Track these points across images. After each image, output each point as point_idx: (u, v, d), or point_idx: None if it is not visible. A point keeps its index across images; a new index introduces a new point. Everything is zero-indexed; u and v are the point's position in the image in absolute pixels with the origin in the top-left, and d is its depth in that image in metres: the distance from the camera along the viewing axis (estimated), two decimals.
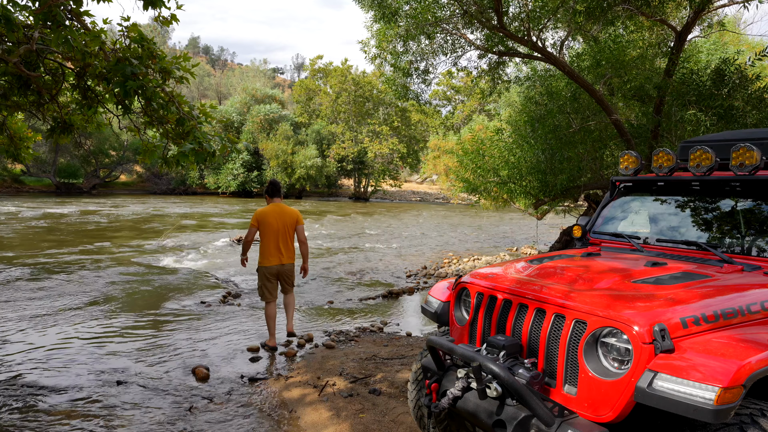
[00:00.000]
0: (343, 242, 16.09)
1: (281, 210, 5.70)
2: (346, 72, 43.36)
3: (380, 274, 11.12)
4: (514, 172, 10.83)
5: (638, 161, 3.77)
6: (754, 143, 3.25)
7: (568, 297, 2.54)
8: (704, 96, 8.34)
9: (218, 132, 4.56)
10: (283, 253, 5.71)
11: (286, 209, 5.74)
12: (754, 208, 3.18)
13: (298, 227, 5.78)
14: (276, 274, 5.75)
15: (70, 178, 37.12)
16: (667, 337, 2.19)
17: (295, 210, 5.84)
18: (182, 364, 5.34)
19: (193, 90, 67.59)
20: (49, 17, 3.62)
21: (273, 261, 5.69)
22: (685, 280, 2.72)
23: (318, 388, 4.71)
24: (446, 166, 27.45)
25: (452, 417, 3.28)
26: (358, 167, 43.14)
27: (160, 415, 4.18)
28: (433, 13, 9.00)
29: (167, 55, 4.07)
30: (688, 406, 2.01)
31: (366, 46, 10.45)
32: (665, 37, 10.30)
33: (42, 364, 5.22)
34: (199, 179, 40.83)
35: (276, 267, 5.71)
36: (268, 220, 5.62)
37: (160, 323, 6.83)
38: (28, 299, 7.80)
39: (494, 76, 11.21)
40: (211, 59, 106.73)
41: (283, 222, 5.66)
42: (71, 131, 4.89)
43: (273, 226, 5.63)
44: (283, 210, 5.71)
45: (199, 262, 11.76)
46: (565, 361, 2.45)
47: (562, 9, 8.81)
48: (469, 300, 3.15)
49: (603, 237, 3.81)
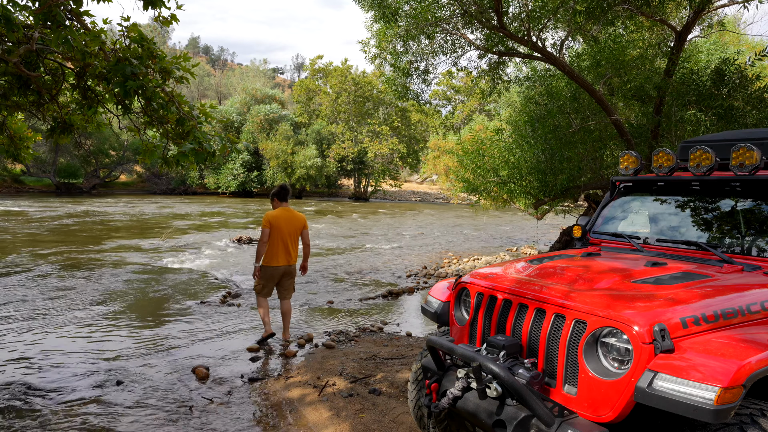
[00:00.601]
0: (343, 242, 16.08)
1: (291, 214, 5.95)
2: (346, 72, 43.36)
3: (380, 274, 11.12)
4: (514, 172, 10.83)
5: (638, 161, 3.77)
6: (754, 143, 3.26)
7: (568, 297, 2.54)
8: (704, 96, 8.34)
9: (218, 132, 4.56)
10: (291, 255, 5.95)
11: (295, 213, 6.00)
12: (754, 208, 3.18)
13: (304, 231, 6.05)
14: (282, 274, 5.94)
15: (70, 178, 37.12)
16: (667, 337, 2.19)
17: (302, 215, 6.10)
18: (182, 364, 5.34)
19: (193, 90, 67.58)
20: (49, 17, 3.62)
21: (281, 261, 5.89)
22: (685, 280, 2.72)
23: (318, 388, 4.71)
24: (446, 166, 27.45)
25: (452, 417, 3.28)
26: (358, 167, 43.14)
27: (160, 414, 4.18)
28: (433, 13, 9.00)
29: (167, 55, 4.06)
30: (688, 406, 2.01)
31: (366, 46, 10.45)
32: (665, 37, 10.30)
33: (41, 364, 5.22)
34: (199, 179, 40.83)
35: (283, 267, 5.92)
36: (280, 224, 5.84)
37: (160, 323, 6.83)
38: (28, 299, 7.80)
39: (494, 76, 11.21)
40: (211, 59, 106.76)
41: (294, 226, 5.93)
42: (71, 131, 4.88)
43: (284, 230, 5.85)
44: (293, 214, 5.97)
45: (199, 262, 11.76)
46: (565, 361, 2.45)
47: (562, 9, 8.81)
48: (469, 300, 3.15)
49: (603, 237, 3.81)
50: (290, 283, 6.07)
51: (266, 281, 5.91)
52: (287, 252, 5.89)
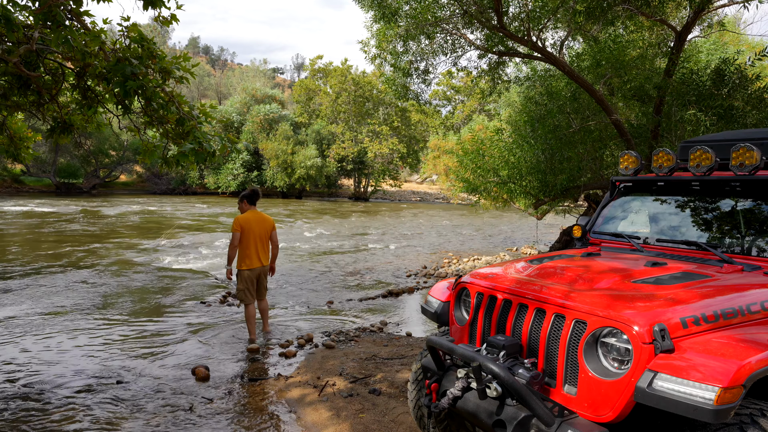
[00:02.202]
0: (343, 242, 16.08)
1: (261, 216, 6.13)
2: (346, 72, 43.32)
3: (380, 274, 11.12)
4: (514, 172, 10.83)
5: (638, 161, 3.77)
6: (754, 143, 3.25)
7: (568, 297, 2.54)
8: (704, 96, 8.34)
9: (218, 132, 4.56)
10: (261, 256, 6.10)
11: (264, 216, 6.18)
12: (754, 208, 3.18)
13: (273, 232, 6.22)
14: (258, 275, 6.12)
15: (70, 178, 37.10)
16: (667, 337, 2.19)
17: (270, 217, 6.26)
18: (182, 364, 5.34)
19: (193, 90, 67.55)
20: (49, 17, 3.62)
21: (256, 263, 6.05)
22: (685, 280, 2.72)
23: (318, 388, 4.71)
24: (446, 166, 27.45)
25: (452, 417, 3.28)
26: (358, 167, 43.10)
27: (160, 414, 4.18)
28: (433, 13, 9.00)
29: (167, 55, 4.07)
30: (688, 406, 2.01)
31: (366, 46, 10.45)
32: (665, 37, 10.30)
33: (41, 364, 5.22)
34: (199, 179, 40.80)
35: (259, 268, 6.09)
36: (251, 226, 5.97)
37: (160, 323, 6.83)
38: (28, 299, 7.80)
39: (494, 76, 11.21)
40: (211, 59, 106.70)
41: (264, 228, 6.08)
42: (71, 131, 4.89)
43: (255, 232, 6.00)
44: (262, 217, 6.15)
45: (199, 262, 11.76)
46: (565, 361, 2.45)
47: (562, 9, 8.81)
48: (469, 300, 3.15)
49: (603, 237, 3.81)
50: (266, 282, 6.28)
51: (248, 285, 6.03)
52: (261, 253, 6.07)
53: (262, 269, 6.14)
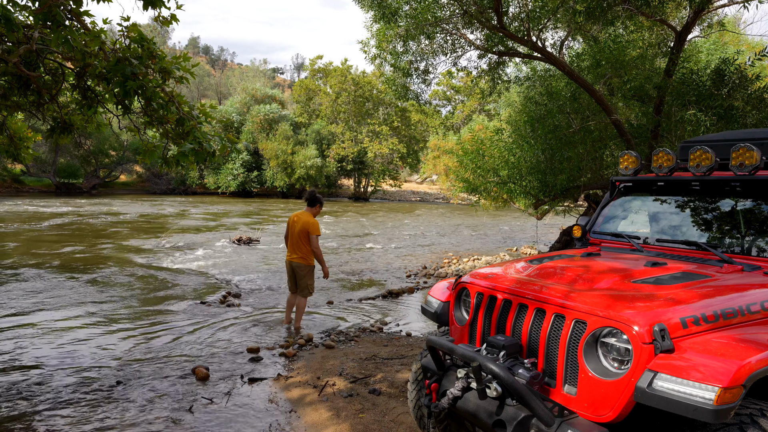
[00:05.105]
0: (343, 242, 16.09)
1: (300, 217, 6.59)
2: (346, 72, 43.31)
3: (380, 274, 11.12)
4: (514, 172, 10.83)
5: (638, 161, 3.77)
6: (754, 143, 3.25)
7: (568, 297, 2.54)
8: (704, 96, 8.34)
9: (218, 132, 4.56)
10: (292, 252, 6.61)
11: (303, 218, 6.56)
12: (754, 208, 3.18)
13: (312, 236, 6.53)
14: (291, 268, 6.65)
15: (70, 178, 37.10)
16: (667, 337, 2.19)
17: (310, 221, 6.54)
18: (182, 364, 5.34)
19: (193, 90, 67.58)
20: (49, 17, 3.62)
21: (287, 257, 6.70)
22: (685, 280, 2.72)
23: (318, 388, 4.71)
24: (446, 166, 27.44)
25: (452, 417, 3.28)
26: (358, 167, 43.09)
27: (159, 415, 4.18)
28: (433, 13, 9.00)
29: (167, 55, 4.07)
30: (688, 406, 2.01)
31: (366, 46, 10.45)
32: (665, 37, 10.30)
33: (40, 364, 5.22)
34: (199, 179, 40.81)
35: (289, 262, 6.67)
36: (291, 223, 6.62)
37: (160, 323, 6.83)
38: (27, 299, 7.80)
39: (494, 76, 11.21)
40: (211, 59, 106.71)
41: (297, 227, 6.55)
42: (71, 131, 4.89)
43: (291, 229, 6.62)
44: (301, 218, 6.58)
45: (200, 262, 11.76)
46: (565, 361, 2.45)
47: (562, 9, 8.82)
48: (468, 300, 3.15)
49: (603, 237, 3.81)
50: (302, 281, 6.62)
51: (287, 273, 6.76)
52: (293, 248, 6.58)
53: (290, 264, 6.61)
